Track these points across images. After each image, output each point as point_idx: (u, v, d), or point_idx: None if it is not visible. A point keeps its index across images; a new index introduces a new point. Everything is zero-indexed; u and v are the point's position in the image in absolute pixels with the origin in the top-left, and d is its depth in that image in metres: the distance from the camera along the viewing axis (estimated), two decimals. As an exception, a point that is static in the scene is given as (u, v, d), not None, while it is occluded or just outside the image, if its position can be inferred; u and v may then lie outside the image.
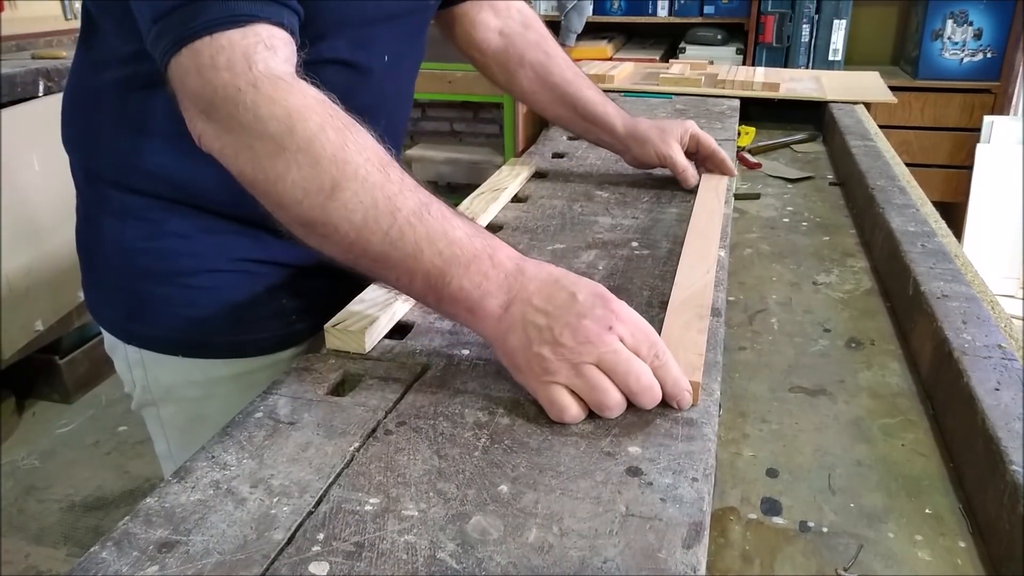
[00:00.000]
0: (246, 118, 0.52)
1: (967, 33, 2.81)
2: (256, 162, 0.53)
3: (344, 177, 0.52)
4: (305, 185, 0.52)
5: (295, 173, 0.52)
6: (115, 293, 0.80)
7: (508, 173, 1.07)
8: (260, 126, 0.52)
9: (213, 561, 0.43)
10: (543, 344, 0.53)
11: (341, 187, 0.52)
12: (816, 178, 1.31)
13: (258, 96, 0.52)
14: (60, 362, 2.27)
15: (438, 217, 0.55)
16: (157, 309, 0.77)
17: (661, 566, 0.43)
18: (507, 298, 0.55)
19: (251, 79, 0.53)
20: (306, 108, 0.53)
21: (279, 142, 0.52)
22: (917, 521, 0.55)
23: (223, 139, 0.55)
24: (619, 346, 0.53)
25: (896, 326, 0.82)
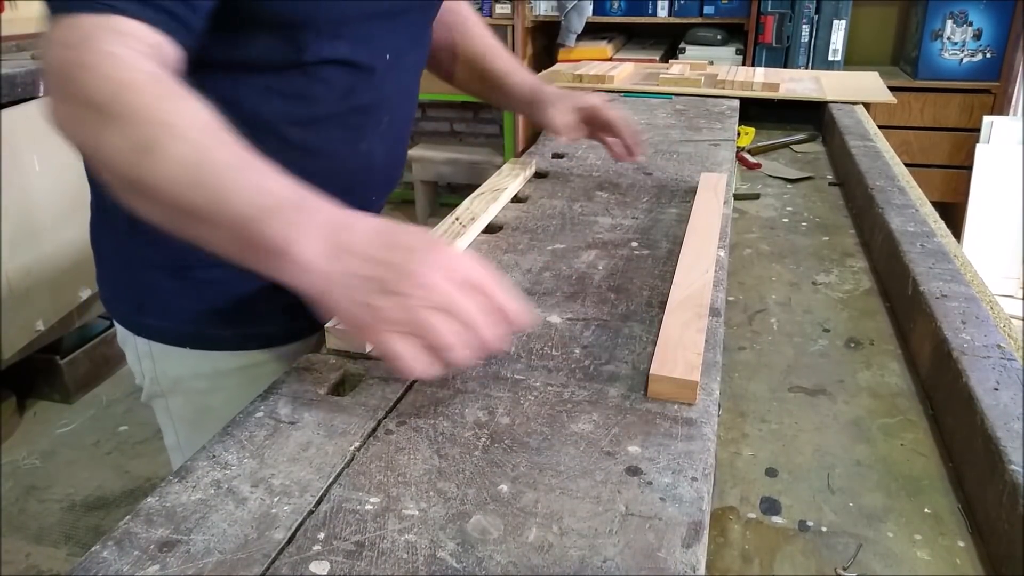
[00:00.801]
0: (77, 90, 0.55)
1: (967, 33, 2.81)
2: (85, 130, 0.56)
3: (160, 137, 0.54)
4: (122, 145, 0.54)
5: (115, 136, 0.54)
6: (125, 285, 0.81)
7: (508, 173, 1.08)
8: (88, 97, 0.55)
9: (214, 560, 0.43)
10: (376, 294, 0.52)
11: (156, 145, 0.54)
12: (816, 178, 1.32)
13: (90, 71, 0.55)
14: (61, 362, 2.27)
15: (255, 173, 0.55)
16: (165, 302, 0.78)
17: (661, 565, 0.43)
18: (322, 250, 0.52)
19: (88, 57, 0.55)
20: (133, 82, 0.55)
21: (103, 110, 0.54)
22: (916, 521, 0.55)
23: (60, 110, 0.57)
24: (454, 287, 0.52)
25: (895, 326, 0.82)
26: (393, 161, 0.89)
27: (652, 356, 0.61)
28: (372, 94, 0.80)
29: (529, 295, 0.75)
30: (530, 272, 0.80)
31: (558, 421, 0.56)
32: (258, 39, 0.70)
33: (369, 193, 0.86)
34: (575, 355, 0.64)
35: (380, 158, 0.85)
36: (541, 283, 0.78)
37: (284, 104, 0.74)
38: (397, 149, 0.90)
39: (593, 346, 0.66)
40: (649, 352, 0.64)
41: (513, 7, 3.05)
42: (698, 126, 1.42)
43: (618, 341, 0.66)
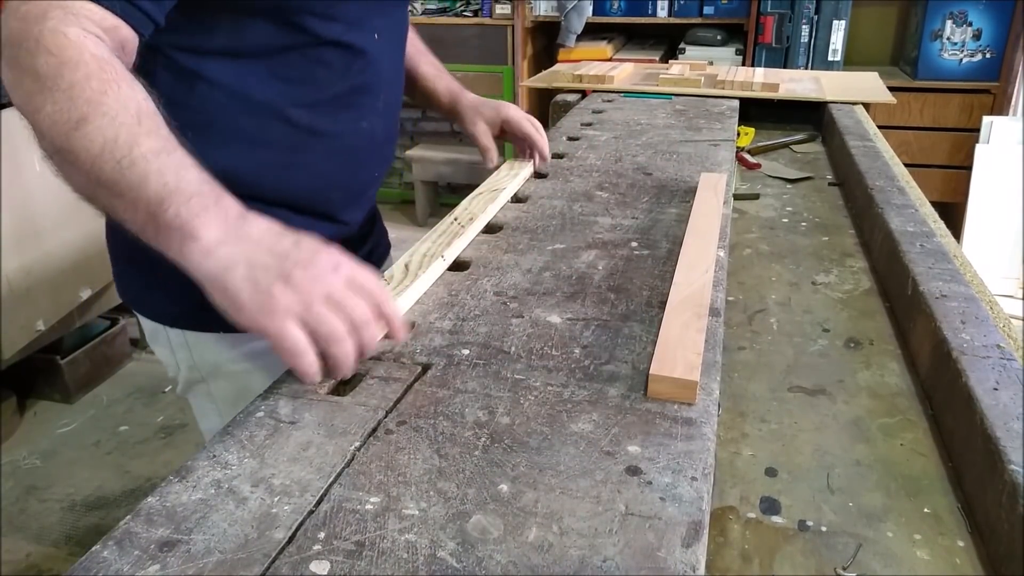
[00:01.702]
0: (24, 59, 0.59)
1: (966, 33, 2.81)
2: (25, 96, 0.60)
3: (92, 115, 0.58)
4: (56, 117, 0.58)
5: (51, 107, 0.58)
6: (152, 281, 0.83)
7: (508, 173, 1.08)
8: (33, 67, 0.59)
9: (214, 560, 0.43)
10: (273, 281, 0.55)
11: (87, 121, 0.58)
12: (815, 178, 1.32)
13: (39, 45, 0.59)
14: (61, 362, 2.27)
15: (176, 160, 0.59)
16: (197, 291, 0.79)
17: (660, 565, 0.43)
18: (225, 236, 0.57)
19: (39, 32, 0.59)
20: (79, 60, 0.59)
21: (44, 82, 0.58)
22: (916, 520, 0.55)
23: (7, 76, 0.61)
24: (343, 284, 0.57)
25: (895, 326, 0.82)
26: (390, 137, 0.94)
27: (652, 356, 0.61)
28: (367, 74, 0.84)
29: (529, 295, 0.75)
30: (530, 272, 0.80)
31: (558, 421, 0.56)
32: (258, 25, 0.73)
33: (373, 169, 0.92)
34: (575, 355, 0.64)
35: (380, 134, 0.89)
36: (541, 283, 0.78)
37: (288, 88, 0.77)
38: (393, 125, 0.94)
39: (593, 346, 0.66)
40: (649, 352, 0.64)
41: (513, 7, 3.05)
42: (698, 126, 1.42)
43: (618, 341, 0.66)
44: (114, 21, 0.62)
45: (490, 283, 0.78)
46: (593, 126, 1.42)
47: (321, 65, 0.79)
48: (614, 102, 1.64)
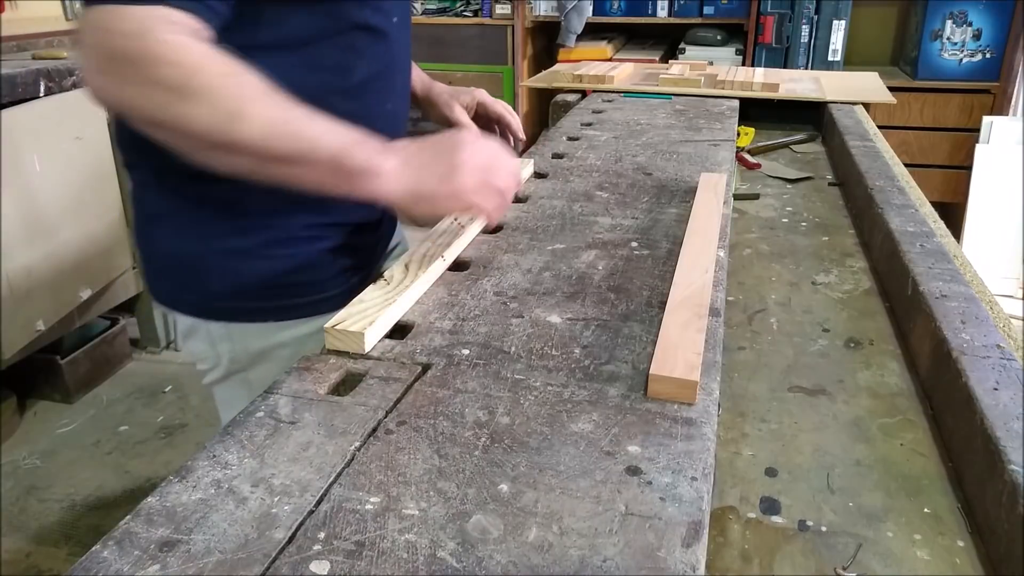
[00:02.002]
0: (148, 74, 0.63)
1: (966, 33, 2.81)
2: (159, 108, 0.64)
3: (241, 107, 0.64)
4: (207, 119, 0.64)
5: (197, 111, 0.63)
6: (199, 277, 0.86)
7: (508, 173, 1.07)
8: (160, 80, 0.63)
9: (214, 560, 0.43)
10: (450, 174, 0.70)
11: (241, 114, 0.64)
12: (815, 178, 1.32)
13: (157, 59, 0.63)
14: (61, 362, 2.27)
15: (322, 120, 0.67)
16: (245, 283, 0.86)
17: (660, 565, 0.43)
18: (397, 162, 0.69)
19: (153, 46, 0.63)
20: (200, 63, 0.64)
21: (179, 92, 0.63)
22: (916, 520, 0.55)
23: (125, 91, 0.65)
24: (483, 159, 0.72)
25: (895, 326, 0.82)
26: (406, 117, 1.01)
27: (652, 356, 0.61)
28: (388, 56, 0.89)
29: (529, 295, 0.75)
30: (530, 272, 0.80)
31: (558, 421, 0.56)
32: (297, 15, 0.78)
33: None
34: (575, 355, 0.64)
35: (401, 115, 0.96)
36: (541, 283, 0.78)
37: (325, 77, 0.82)
38: (407, 107, 1.02)
39: (593, 346, 0.66)
40: (649, 352, 0.64)
41: (513, 7, 3.05)
42: (698, 126, 1.42)
43: (618, 341, 0.66)
44: (197, 24, 0.66)
45: (490, 283, 0.78)
46: (593, 126, 1.42)
47: (351, 51, 0.84)
48: (614, 102, 1.64)
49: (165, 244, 0.87)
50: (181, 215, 0.85)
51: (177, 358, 2.60)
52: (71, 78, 2.12)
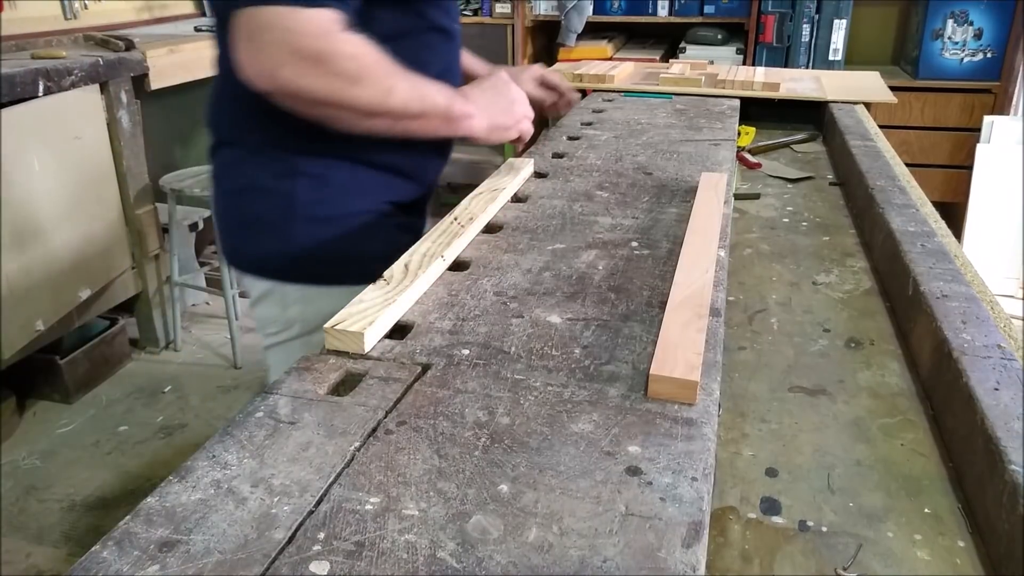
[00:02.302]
0: (334, 67, 0.81)
1: (967, 33, 2.81)
2: (337, 91, 0.82)
3: (393, 84, 0.85)
4: (372, 97, 0.84)
5: (367, 92, 0.84)
6: (282, 242, 0.98)
7: (508, 173, 1.07)
8: (343, 71, 0.82)
9: (214, 560, 0.43)
10: (508, 109, 1.00)
11: (393, 89, 0.85)
12: (816, 178, 1.32)
13: (340, 54, 0.81)
14: (61, 362, 2.27)
15: (428, 81, 0.89)
16: (330, 249, 0.99)
17: (660, 565, 0.43)
18: (478, 106, 0.95)
19: (333, 44, 0.81)
20: (364, 53, 0.83)
21: (355, 78, 0.82)
22: (916, 521, 0.55)
23: (304, 81, 0.81)
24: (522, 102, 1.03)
25: (896, 326, 0.82)
26: None
27: (652, 356, 0.61)
28: (451, 56, 1.08)
29: (529, 295, 0.75)
30: (530, 272, 0.80)
31: (558, 421, 0.56)
32: (384, 13, 0.93)
33: (451, 143, 1.11)
34: (575, 355, 0.64)
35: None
36: (541, 283, 0.78)
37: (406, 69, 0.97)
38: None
39: (593, 346, 0.66)
40: (649, 352, 0.64)
41: (513, 7, 3.05)
42: (698, 126, 1.42)
43: (618, 341, 0.66)
44: (343, 17, 0.83)
45: (490, 283, 0.78)
46: (593, 126, 1.42)
47: (426, 49, 0.99)
48: (614, 102, 1.64)
49: (255, 212, 0.99)
50: (272, 186, 0.97)
51: (177, 358, 2.60)
52: (70, 78, 2.12)
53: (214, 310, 2.93)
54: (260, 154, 0.98)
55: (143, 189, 2.44)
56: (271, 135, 0.95)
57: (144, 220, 2.45)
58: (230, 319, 2.50)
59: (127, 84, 2.33)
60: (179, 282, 2.58)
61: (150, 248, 2.50)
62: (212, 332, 2.77)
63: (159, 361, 2.59)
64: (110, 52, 2.34)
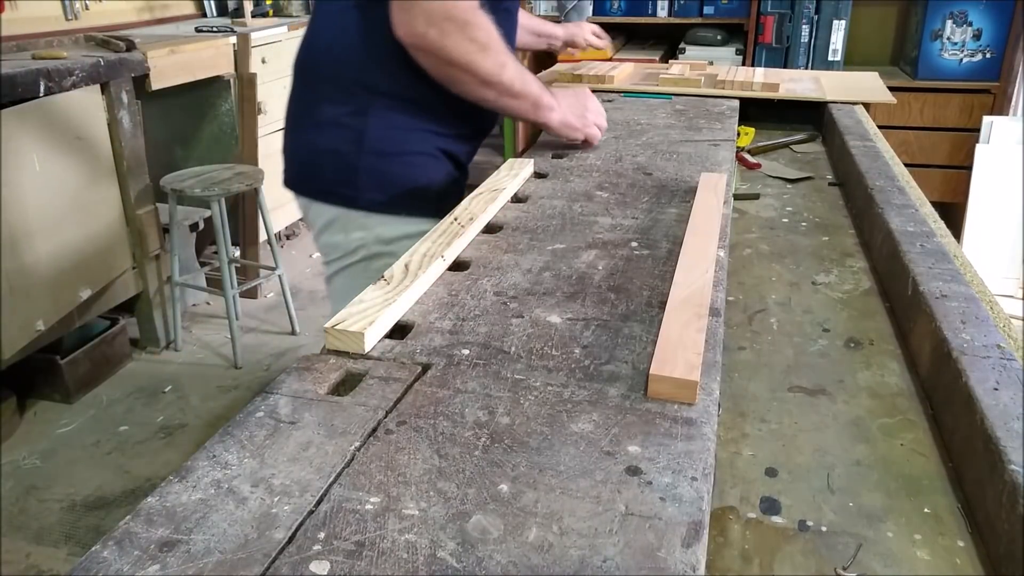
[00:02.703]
0: (469, 33, 1.02)
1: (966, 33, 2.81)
2: (466, 55, 1.03)
3: (506, 60, 1.07)
4: (490, 66, 1.05)
5: (488, 61, 1.04)
6: (351, 172, 1.14)
7: (508, 173, 1.08)
8: (475, 38, 1.02)
9: (214, 560, 0.43)
10: (583, 113, 1.24)
11: (506, 64, 1.07)
12: (815, 178, 1.32)
13: (474, 25, 1.02)
14: (61, 362, 2.27)
15: (530, 74, 1.13)
16: (390, 181, 1.15)
17: (660, 565, 0.43)
18: (560, 103, 1.19)
19: (470, 15, 1.02)
20: (490, 28, 1.04)
21: (482, 47, 1.03)
22: (916, 520, 0.55)
23: (446, 41, 1.01)
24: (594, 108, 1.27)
25: (895, 326, 0.82)
26: None
27: (652, 356, 0.61)
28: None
29: (529, 295, 0.75)
30: (530, 272, 0.80)
31: (558, 421, 0.56)
32: None
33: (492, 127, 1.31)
34: (575, 355, 0.64)
35: None
36: (541, 283, 0.78)
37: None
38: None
39: (593, 346, 0.66)
40: (649, 352, 0.64)
41: (513, 7, 3.05)
42: (698, 126, 1.42)
43: (618, 341, 0.66)
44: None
45: (490, 283, 0.78)
46: (593, 126, 1.42)
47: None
48: (614, 102, 1.64)
49: (330, 145, 1.14)
50: (349, 122, 1.13)
51: (177, 358, 2.60)
52: (71, 78, 2.12)
53: (214, 310, 2.93)
54: (357, 95, 1.13)
55: (144, 189, 2.44)
56: (371, 81, 1.12)
57: (145, 220, 2.45)
58: (230, 319, 2.50)
59: (128, 84, 2.33)
60: (179, 282, 2.58)
61: (151, 248, 2.50)
62: (212, 332, 2.77)
63: (159, 361, 2.59)
64: (111, 52, 2.34)
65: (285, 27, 3.14)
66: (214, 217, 2.47)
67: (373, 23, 1.09)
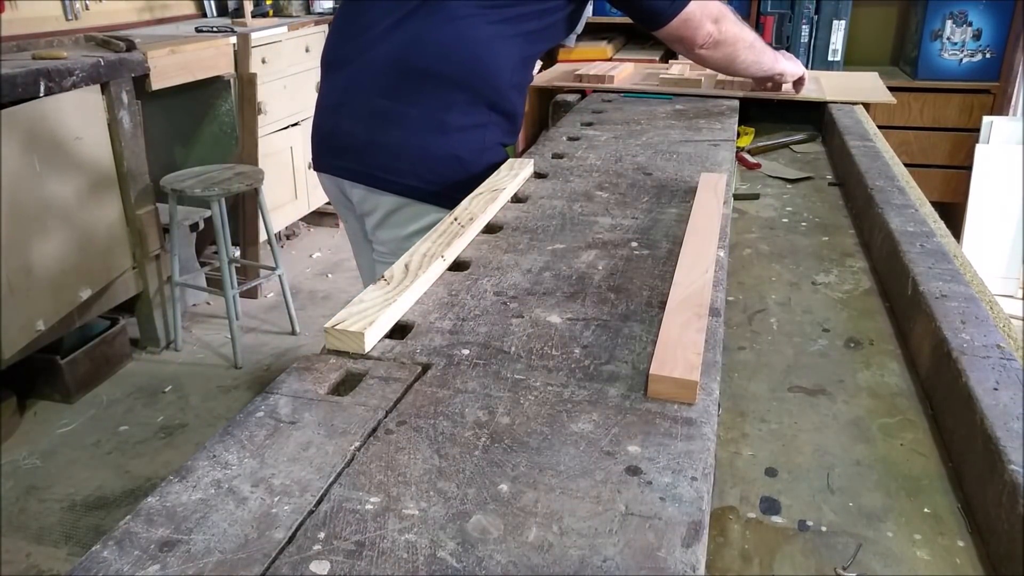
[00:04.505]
0: (740, 33, 1.40)
1: (966, 33, 2.81)
2: (733, 55, 1.41)
3: (762, 50, 1.48)
4: (751, 59, 1.46)
5: (750, 56, 1.45)
6: (475, 179, 1.13)
7: (508, 173, 1.08)
8: (744, 39, 1.42)
9: (214, 560, 0.43)
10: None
11: (761, 56, 1.48)
12: (815, 178, 1.32)
13: (739, 31, 1.39)
14: (61, 362, 2.27)
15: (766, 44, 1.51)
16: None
17: (660, 565, 0.43)
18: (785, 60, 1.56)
19: (730, 22, 1.35)
20: (743, 28, 1.43)
21: (749, 45, 1.43)
22: (916, 520, 0.55)
23: (728, 46, 1.39)
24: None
25: (895, 326, 0.82)
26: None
27: (652, 356, 0.61)
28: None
29: (529, 295, 0.75)
30: (530, 272, 0.80)
31: (558, 421, 0.56)
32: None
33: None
34: (575, 355, 0.64)
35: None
36: (541, 283, 0.78)
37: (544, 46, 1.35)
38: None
39: (593, 346, 0.66)
40: (649, 352, 0.64)
41: (513, 7, 3.05)
42: (698, 126, 1.42)
43: (618, 341, 0.66)
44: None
45: (490, 283, 0.78)
46: (593, 126, 1.42)
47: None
48: (614, 102, 1.64)
49: (454, 151, 1.20)
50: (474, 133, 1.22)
51: (177, 358, 2.60)
52: (71, 78, 2.12)
53: (214, 310, 2.93)
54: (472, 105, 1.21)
55: (144, 189, 2.44)
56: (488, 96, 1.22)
57: (145, 220, 2.45)
58: (230, 319, 2.50)
59: (128, 84, 2.33)
60: (180, 282, 2.58)
61: (151, 248, 2.50)
62: (212, 332, 2.77)
63: (159, 361, 2.59)
64: (111, 52, 2.34)
65: (285, 27, 3.14)
66: (214, 217, 2.47)
67: (522, 52, 1.23)
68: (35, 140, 2.04)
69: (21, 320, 2.05)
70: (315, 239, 3.61)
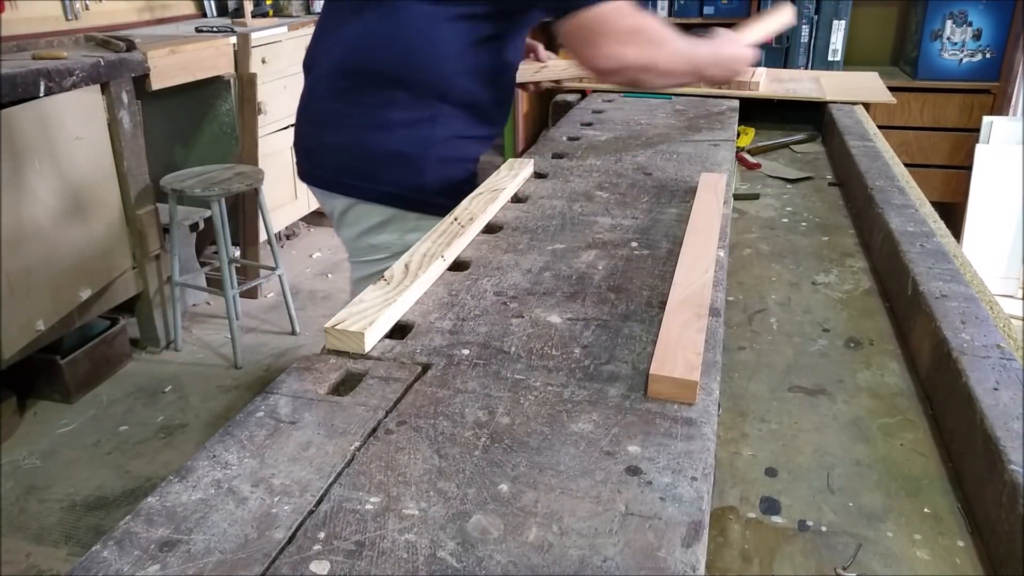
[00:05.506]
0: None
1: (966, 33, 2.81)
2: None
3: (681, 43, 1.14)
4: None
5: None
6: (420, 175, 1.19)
7: (508, 173, 1.08)
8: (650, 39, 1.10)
9: (214, 560, 0.43)
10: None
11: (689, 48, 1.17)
12: (815, 178, 1.32)
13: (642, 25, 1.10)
14: (61, 362, 2.27)
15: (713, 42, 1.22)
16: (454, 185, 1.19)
17: (660, 565, 0.43)
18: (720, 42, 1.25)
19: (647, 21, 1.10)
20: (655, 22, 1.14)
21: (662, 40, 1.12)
22: (916, 520, 0.55)
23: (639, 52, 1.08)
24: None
25: (895, 326, 0.82)
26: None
27: (652, 356, 0.61)
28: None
29: (529, 295, 0.75)
30: (530, 272, 0.80)
31: (558, 421, 0.56)
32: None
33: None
34: (575, 355, 0.64)
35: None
36: (541, 283, 0.78)
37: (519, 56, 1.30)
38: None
39: (593, 346, 0.66)
40: (649, 352, 0.64)
41: (513, 7, 3.05)
42: (698, 126, 1.42)
43: (618, 341, 0.66)
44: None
45: (490, 283, 0.78)
46: (593, 126, 1.42)
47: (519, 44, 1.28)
48: (614, 102, 1.64)
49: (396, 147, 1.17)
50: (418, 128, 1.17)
51: (177, 358, 2.60)
52: (71, 78, 2.12)
53: (214, 310, 2.93)
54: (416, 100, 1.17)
55: (144, 189, 2.44)
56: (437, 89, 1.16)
57: (145, 220, 2.45)
58: (230, 319, 2.50)
59: (128, 84, 2.33)
60: (180, 282, 2.58)
61: (151, 248, 2.50)
62: (212, 332, 2.77)
63: (159, 361, 2.59)
64: (111, 52, 2.34)
65: (285, 27, 3.14)
66: (214, 217, 2.47)
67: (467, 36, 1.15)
68: (35, 140, 2.04)
69: (21, 320, 2.05)
70: (315, 239, 3.61)
